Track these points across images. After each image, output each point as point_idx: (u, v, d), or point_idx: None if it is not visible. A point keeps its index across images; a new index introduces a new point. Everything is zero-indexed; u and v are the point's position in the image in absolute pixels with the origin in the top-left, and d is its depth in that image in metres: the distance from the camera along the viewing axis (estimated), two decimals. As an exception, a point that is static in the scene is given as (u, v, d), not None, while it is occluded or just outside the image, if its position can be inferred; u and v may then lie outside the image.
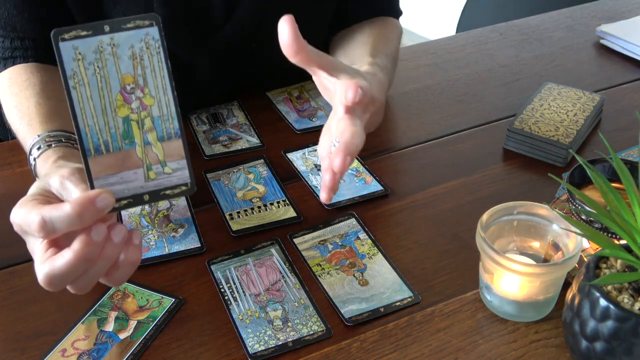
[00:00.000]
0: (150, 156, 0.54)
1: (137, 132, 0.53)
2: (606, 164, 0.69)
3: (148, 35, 0.52)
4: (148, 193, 0.54)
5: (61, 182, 0.56)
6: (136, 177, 0.53)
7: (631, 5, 1.26)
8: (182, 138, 0.54)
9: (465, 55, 1.10)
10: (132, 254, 0.55)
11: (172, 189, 0.54)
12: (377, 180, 0.82)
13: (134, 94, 0.52)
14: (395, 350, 0.62)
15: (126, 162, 0.53)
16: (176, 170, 0.54)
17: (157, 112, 0.53)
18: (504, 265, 0.60)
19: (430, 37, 2.34)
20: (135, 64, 0.52)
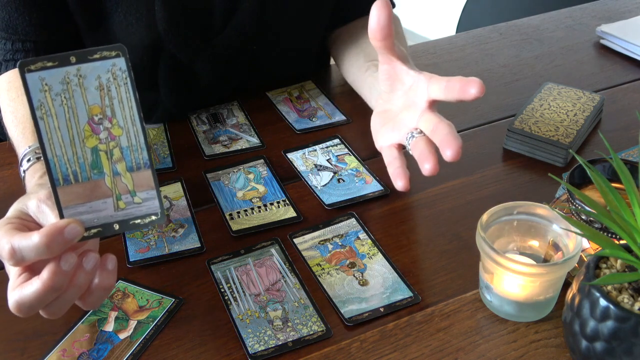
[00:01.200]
0: (119, 186, 0.54)
1: (106, 163, 0.53)
2: (606, 164, 0.69)
3: (115, 66, 0.52)
4: (118, 222, 0.54)
5: (38, 206, 0.56)
6: (106, 206, 0.54)
7: (631, 5, 1.26)
8: (151, 168, 0.54)
9: (465, 55, 1.10)
10: (105, 279, 0.55)
11: (142, 219, 0.55)
12: (377, 180, 0.82)
13: (101, 125, 0.53)
14: (395, 350, 0.62)
15: (95, 191, 0.53)
16: (146, 200, 0.55)
17: (125, 142, 0.53)
18: (504, 265, 0.60)
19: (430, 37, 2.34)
20: (102, 95, 0.52)
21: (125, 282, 0.69)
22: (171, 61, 0.87)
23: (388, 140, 0.69)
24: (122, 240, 0.74)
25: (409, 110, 0.67)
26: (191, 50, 0.87)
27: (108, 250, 0.72)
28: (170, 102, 0.92)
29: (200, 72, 0.90)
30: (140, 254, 0.72)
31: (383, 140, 0.70)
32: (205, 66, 0.89)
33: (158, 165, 0.85)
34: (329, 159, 0.86)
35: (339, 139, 0.89)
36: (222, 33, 0.88)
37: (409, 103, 0.67)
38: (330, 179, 0.82)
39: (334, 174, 0.83)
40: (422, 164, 0.63)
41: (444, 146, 0.61)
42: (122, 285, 0.68)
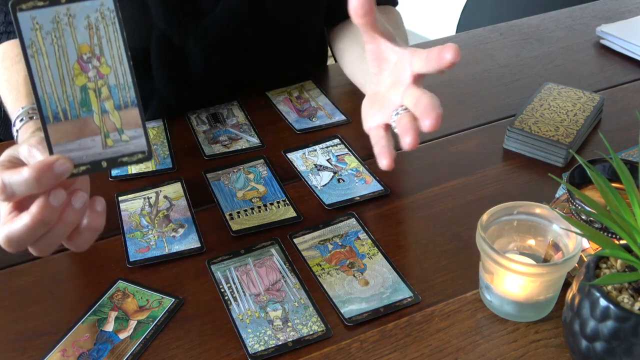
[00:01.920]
0: (107, 124, 0.55)
1: (95, 101, 0.55)
2: (606, 164, 0.69)
3: (103, 5, 0.54)
4: (106, 160, 0.56)
5: (29, 150, 0.58)
6: (94, 144, 0.55)
7: (631, 5, 1.26)
8: (138, 107, 0.56)
9: (465, 55, 1.10)
10: (94, 220, 0.57)
11: (129, 156, 0.56)
12: (377, 180, 0.82)
13: (90, 63, 0.54)
14: (395, 350, 0.62)
15: (84, 129, 0.55)
16: (133, 138, 0.56)
17: (113, 80, 0.55)
18: (504, 265, 0.60)
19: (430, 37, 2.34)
20: (91, 34, 0.54)
21: (125, 282, 0.69)
22: (163, 42, 0.87)
23: (375, 121, 0.67)
24: (122, 240, 0.74)
25: (395, 88, 0.65)
26: (182, 29, 0.87)
27: (109, 249, 0.73)
28: (165, 89, 0.91)
29: (192, 53, 0.90)
30: (140, 254, 0.72)
31: (371, 121, 0.68)
32: (197, 47, 0.89)
33: (158, 165, 0.85)
34: (329, 159, 0.86)
35: (339, 139, 0.89)
36: (213, 12, 0.88)
37: (395, 80, 0.65)
38: (330, 179, 0.82)
39: (334, 174, 0.83)
40: (402, 138, 0.60)
41: (422, 117, 0.59)
42: (122, 285, 0.68)
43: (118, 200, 0.79)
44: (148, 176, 0.83)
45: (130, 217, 0.77)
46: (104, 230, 0.74)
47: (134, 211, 0.77)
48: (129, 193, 0.80)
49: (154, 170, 0.84)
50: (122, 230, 0.75)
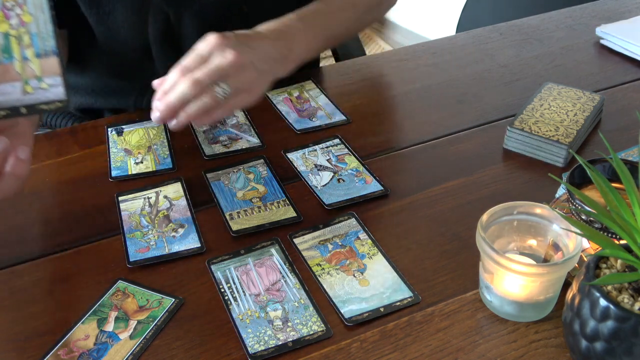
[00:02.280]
0: (27, 71, 0.56)
1: (16, 48, 0.55)
2: (606, 164, 0.69)
3: None
4: (25, 106, 0.56)
5: None
6: (14, 90, 0.56)
7: (631, 5, 1.26)
8: (58, 56, 0.57)
9: (465, 55, 1.10)
10: (18, 168, 0.58)
11: (47, 104, 0.57)
12: (377, 180, 0.82)
13: (13, 11, 0.55)
14: (395, 350, 0.62)
15: (4, 75, 0.56)
16: (52, 86, 0.57)
17: (35, 29, 0.56)
18: (504, 265, 0.60)
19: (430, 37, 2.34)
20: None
21: (125, 282, 0.69)
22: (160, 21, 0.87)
23: None
24: (122, 240, 0.74)
25: None
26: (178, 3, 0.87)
27: (108, 250, 0.73)
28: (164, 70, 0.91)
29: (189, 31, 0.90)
30: (140, 254, 0.72)
31: None
32: (194, 23, 0.89)
33: (158, 165, 0.85)
34: (329, 159, 0.86)
35: (339, 139, 0.89)
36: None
37: None
38: (330, 179, 0.82)
39: (334, 174, 0.83)
40: None
41: None
42: (122, 285, 0.68)
43: (118, 200, 0.79)
44: (149, 176, 0.83)
45: (130, 217, 0.77)
46: (104, 230, 0.75)
47: (134, 211, 0.77)
48: (129, 193, 0.80)
49: (155, 171, 0.84)
50: (122, 230, 0.75)
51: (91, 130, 0.92)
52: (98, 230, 0.76)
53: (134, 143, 0.88)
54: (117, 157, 0.86)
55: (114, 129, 0.91)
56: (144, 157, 0.86)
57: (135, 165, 0.84)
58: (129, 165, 0.84)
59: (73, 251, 0.73)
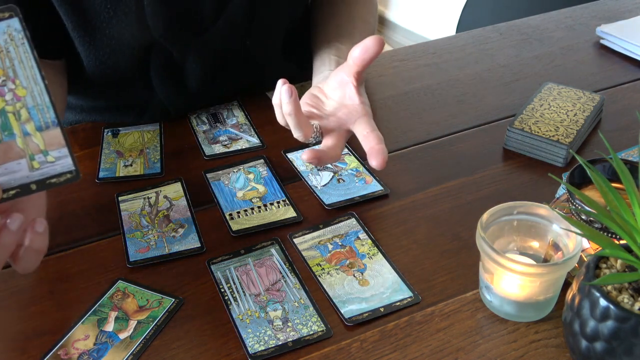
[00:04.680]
0: (31, 146, 0.55)
1: (15, 124, 0.54)
2: (606, 164, 0.69)
3: (10, 27, 0.53)
4: (35, 182, 0.55)
5: None
6: (20, 167, 0.55)
7: (631, 5, 1.26)
8: (60, 127, 0.56)
9: (465, 55, 1.10)
10: (35, 242, 0.57)
11: (57, 177, 0.56)
12: (377, 180, 0.82)
13: (6, 87, 0.54)
14: (395, 350, 0.62)
15: (8, 153, 0.55)
16: (59, 158, 0.56)
17: (31, 102, 0.55)
18: (504, 265, 0.60)
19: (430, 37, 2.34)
20: (2, 57, 0.53)
21: (125, 282, 0.69)
22: (163, 57, 0.87)
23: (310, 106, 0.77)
24: (122, 240, 0.74)
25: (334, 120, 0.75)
26: (182, 44, 0.87)
27: (107, 249, 0.73)
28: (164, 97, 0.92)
29: (191, 65, 0.90)
30: (140, 254, 0.72)
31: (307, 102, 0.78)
32: (196, 59, 0.89)
33: (147, 169, 0.85)
34: (329, 159, 0.86)
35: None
36: (214, 26, 0.88)
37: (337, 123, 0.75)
38: (330, 179, 0.82)
39: (334, 174, 0.83)
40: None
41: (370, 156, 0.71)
42: (122, 285, 0.68)
43: (118, 200, 0.79)
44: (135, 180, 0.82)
45: (130, 217, 0.77)
46: (104, 230, 0.75)
47: (134, 211, 0.77)
48: (129, 193, 0.80)
49: (142, 174, 0.83)
50: (122, 230, 0.75)
51: (91, 131, 0.92)
52: (98, 230, 0.76)
53: (127, 145, 0.88)
54: (108, 159, 0.86)
55: (110, 130, 0.91)
56: (134, 160, 0.86)
57: (124, 168, 0.84)
58: (118, 167, 0.84)
59: (73, 251, 0.73)
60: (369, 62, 0.72)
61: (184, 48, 0.88)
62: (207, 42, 0.88)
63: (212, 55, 0.90)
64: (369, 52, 0.71)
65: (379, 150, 0.70)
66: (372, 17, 0.99)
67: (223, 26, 0.88)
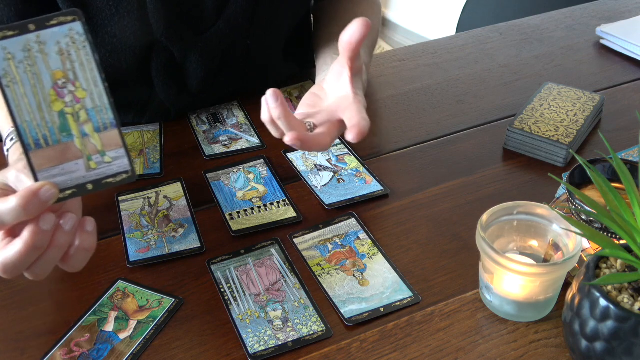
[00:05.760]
0: (89, 147, 0.56)
1: (74, 125, 0.55)
2: (606, 164, 0.69)
3: (72, 30, 0.54)
4: (91, 182, 0.56)
5: (16, 176, 0.59)
6: (77, 167, 0.56)
7: (631, 5, 1.26)
8: (117, 128, 0.56)
9: (465, 55, 1.10)
10: (85, 241, 0.57)
11: (113, 177, 0.57)
12: (377, 180, 0.82)
13: (66, 89, 0.54)
14: (395, 350, 0.62)
15: (66, 153, 0.55)
16: (115, 159, 0.57)
17: (90, 104, 0.55)
18: (504, 265, 0.60)
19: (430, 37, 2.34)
20: (63, 60, 0.54)
21: (125, 282, 0.69)
22: (164, 56, 0.87)
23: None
24: (122, 240, 0.74)
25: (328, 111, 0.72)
26: (183, 43, 0.87)
27: (108, 249, 0.73)
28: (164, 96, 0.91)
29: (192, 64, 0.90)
30: (141, 254, 0.72)
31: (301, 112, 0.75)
32: (197, 58, 0.89)
33: (146, 169, 0.85)
34: (329, 159, 0.86)
35: (339, 139, 0.89)
36: (215, 25, 0.88)
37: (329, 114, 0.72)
38: (330, 179, 0.82)
39: (334, 174, 0.83)
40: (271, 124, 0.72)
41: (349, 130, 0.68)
42: (122, 285, 0.68)
43: (118, 200, 0.79)
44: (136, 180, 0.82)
45: (130, 217, 0.77)
46: (104, 230, 0.75)
47: (134, 211, 0.77)
48: (129, 193, 0.80)
49: (141, 174, 0.83)
50: (122, 230, 0.75)
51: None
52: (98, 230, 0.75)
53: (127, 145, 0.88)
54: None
55: None
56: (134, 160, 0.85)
57: None
58: None
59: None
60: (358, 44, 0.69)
61: (185, 47, 0.88)
62: (208, 42, 0.88)
63: (213, 54, 0.90)
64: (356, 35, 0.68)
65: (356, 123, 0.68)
66: (375, 17, 0.99)
67: (224, 26, 0.88)
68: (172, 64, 0.89)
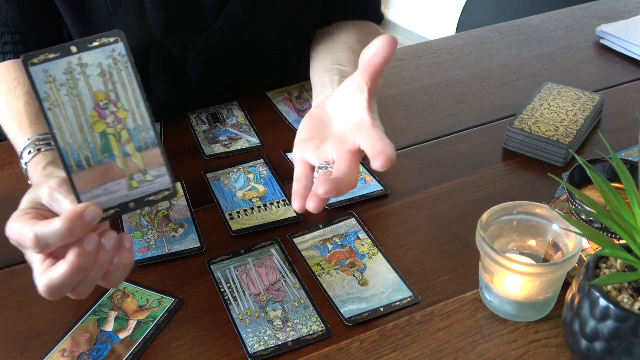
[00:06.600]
0: (131, 166, 0.56)
1: (116, 145, 0.55)
2: (606, 164, 0.69)
3: (114, 51, 0.54)
4: (133, 201, 0.56)
5: (50, 194, 0.58)
6: (120, 187, 0.55)
7: (631, 5, 1.26)
8: (159, 146, 0.56)
9: (465, 55, 1.10)
10: (124, 258, 0.57)
11: (155, 195, 0.57)
12: (377, 180, 0.82)
13: (107, 109, 0.54)
14: (395, 350, 0.62)
15: (108, 174, 0.55)
16: (157, 177, 0.56)
17: (132, 124, 0.55)
18: (504, 265, 0.60)
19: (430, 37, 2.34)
20: (105, 81, 0.54)
21: (125, 282, 0.69)
22: (162, 56, 0.87)
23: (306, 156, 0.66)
24: (122, 240, 0.74)
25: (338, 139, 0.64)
26: (182, 42, 0.87)
27: (108, 250, 0.73)
28: (163, 94, 0.91)
29: (190, 62, 0.90)
30: (140, 254, 0.72)
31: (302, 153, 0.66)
32: (196, 57, 0.89)
33: None
34: (329, 159, 0.86)
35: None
36: (214, 24, 0.88)
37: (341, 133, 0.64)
38: (330, 179, 0.82)
39: (334, 174, 0.83)
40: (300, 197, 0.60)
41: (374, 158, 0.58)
42: (122, 285, 0.68)
43: (118, 200, 0.79)
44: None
45: (130, 217, 0.77)
46: (104, 230, 0.75)
47: (134, 211, 0.77)
48: (129, 193, 0.80)
49: None
50: (122, 230, 0.75)
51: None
52: (98, 230, 0.75)
53: None
54: None
55: None
56: None
57: None
58: None
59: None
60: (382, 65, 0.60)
61: (184, 47, 0.88)
62: (207, 41, 0.88)
63: (212, 54, 0.90)
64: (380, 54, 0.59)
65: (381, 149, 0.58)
66: None
67: (223, 25, 0.88)
68: (170, 63, 0.89)
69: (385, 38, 0.59)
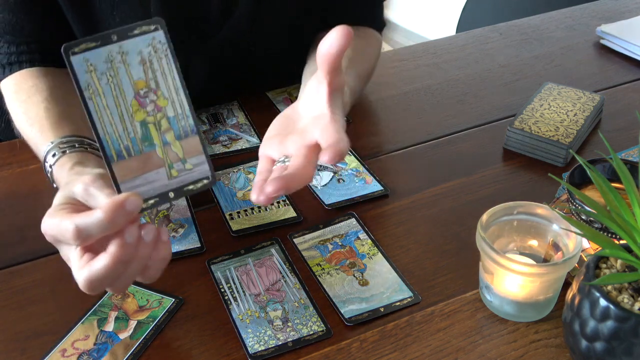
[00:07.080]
0: (170, 155, 0.55)
1: (155, 134, 0.54)
2: (606, 164, 0.69)
3: (154, 39, 0.53)
4: (172, 190, 0.56)
5: (85, 189, 0.57)
6: (159, 176, 0.55)
7: (631, 5, 1.26)
8: (198, 134, 0.56)
9: (465, 55, 1.10)
10: (162, 251, 0.56)
11: (194, 184, 0.56)
12: (377, 180, 0.82)
13: (147, 98, 0.54)
14: (395, 350, 0.62)
15: (148, 163, 0.55)
16: (196, 165, 0.56)
17: (171, 112, 0.55)
18: (504, 265, 0.60)
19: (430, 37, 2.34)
20: (145, 69, 0.53)
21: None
22: None
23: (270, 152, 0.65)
24: (122, 240, 0.74)
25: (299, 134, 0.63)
26: (186, 49, 0.87)
27: (108, 250, 0.73)
28: None
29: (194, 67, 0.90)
30: (140, 254, 0.72)
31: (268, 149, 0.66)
32: (200, 63, 0.89)
33: None
34: (329, 159, 0.86)
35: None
36: (219, 32, 0.88)
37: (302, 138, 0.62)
38: (330, 179, 0.82)
39: (334, 174, 0.83)
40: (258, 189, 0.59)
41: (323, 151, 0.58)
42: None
43: (118, 200, 0.79)
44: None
45: (130, 217, 0.76)
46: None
47: (134, 211, 0.77)
48: (129, 193, 0.80)
49: None
50: (122, 230, 0.75)
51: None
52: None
53: None
54: None
55: None
56: None
57: None
58: None
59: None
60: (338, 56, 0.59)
61: (189, 54, 0.87)
62: (211, 49, 0.88)
63: (216, 60, 0.90)
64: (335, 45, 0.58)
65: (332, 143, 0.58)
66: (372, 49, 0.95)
67: (228, 33, 0.88)
68: None
69: (339, 29, 0.58)
